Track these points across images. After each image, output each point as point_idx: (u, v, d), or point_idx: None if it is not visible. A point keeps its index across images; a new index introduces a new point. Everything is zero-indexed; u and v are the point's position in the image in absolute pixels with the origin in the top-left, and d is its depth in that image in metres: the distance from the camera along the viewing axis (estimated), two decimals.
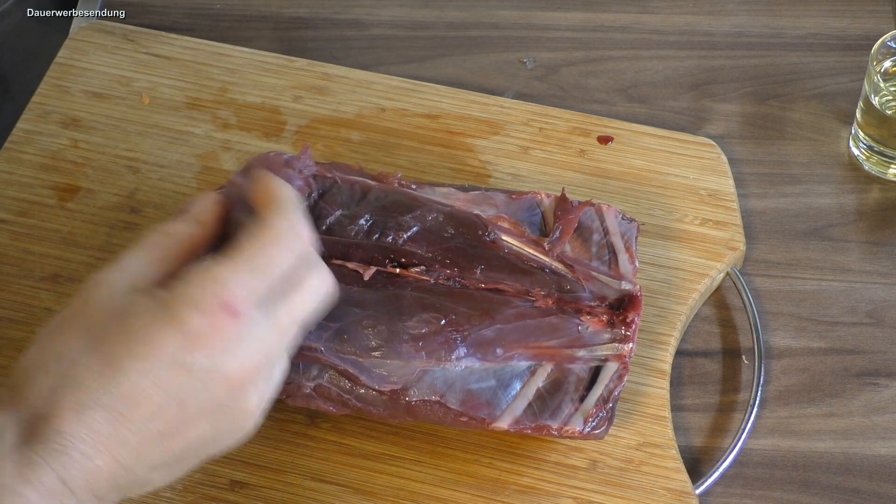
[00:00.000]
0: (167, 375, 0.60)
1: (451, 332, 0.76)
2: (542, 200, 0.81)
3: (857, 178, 0.94)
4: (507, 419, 0.75)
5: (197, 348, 0.61)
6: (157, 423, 0.60)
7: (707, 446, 0.82)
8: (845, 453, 0.82)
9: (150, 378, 0.60)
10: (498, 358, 0.76)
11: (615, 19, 1.03)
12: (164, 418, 0.61)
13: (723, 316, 0.87)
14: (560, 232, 0.79)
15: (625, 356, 0.77)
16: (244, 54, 0.97)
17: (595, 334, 0.77)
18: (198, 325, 0.61)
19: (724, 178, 0.90)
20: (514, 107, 0.94)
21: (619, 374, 0.76)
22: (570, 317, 0.77)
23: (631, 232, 0.81)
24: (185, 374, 0.61)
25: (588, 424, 0.75)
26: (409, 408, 0.75)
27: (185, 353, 0.61)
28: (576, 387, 0.76)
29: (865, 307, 0.87)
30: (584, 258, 0.79)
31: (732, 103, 0.98)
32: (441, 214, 0.79)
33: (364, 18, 1.03)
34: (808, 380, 0.85)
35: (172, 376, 0.60)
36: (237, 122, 0.94)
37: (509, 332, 0.76)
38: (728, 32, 1.02)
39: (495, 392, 0.76)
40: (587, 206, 0.81)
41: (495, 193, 0.81)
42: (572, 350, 0.77)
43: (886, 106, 0.91)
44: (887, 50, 0.92)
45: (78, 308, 0.63)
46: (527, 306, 0.77)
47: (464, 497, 0.78)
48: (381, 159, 0.91)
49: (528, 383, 0.76)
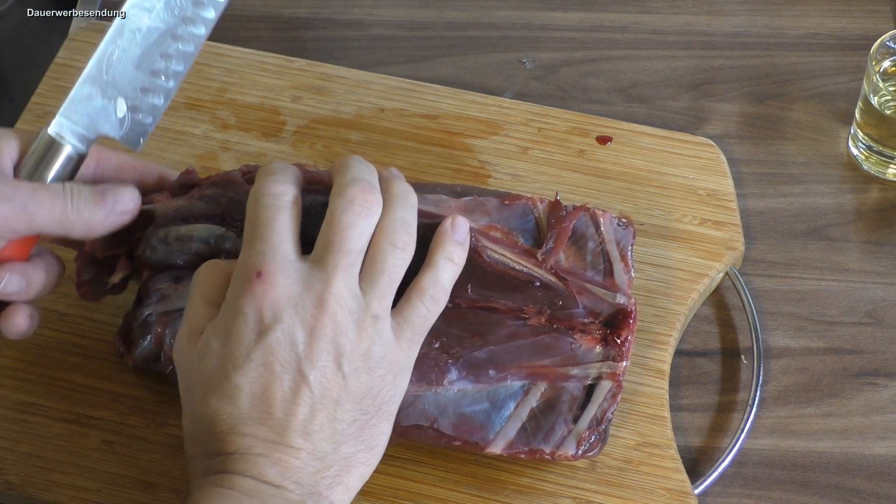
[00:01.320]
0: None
1: (443, 355, 0.75)
2: (535, 206, 0.79)
3: (857, 177, 0.94)
4: (501, 443, 0.75)
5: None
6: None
7: (706, 446, 0.82)
8: (844, 453, 0.82)
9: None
10: (491, 379, 0.75)
11: (614, 19, 1.03)
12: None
13: (722, 316, 0.87)
14: (553, 241, 0.78)
15: (618, 374, 0.76)
16: (243, 54, 0.97)
17: (588, 352, 0.76)
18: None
19: (723, 178, 0.90)
20: (513, 107, 0.94)
21: (612, 392, 0.76)
22: (563, 335, 0.77)
23: (627, 239, 0.79)
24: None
25: (581, 447, 0.75)
26: (402, 432, 0.74)
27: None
28: (569, 406, 0.76)
29: (864, 307, 0.87)
30: (579, 267, 0.78)
31: (731, 103, 0.98)
32: (424, 229, 0.75)
33: (363, 18, 1.03)
34: (807, 380, 0.85)
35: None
36: (236, 122, 0.94)
37: (502, 352, 0.75)
38: (727, 32, 1.02)
39: (488, 414, 0.75)
40: (581, 212, 0.79)
41: (487, 199, 0.79)
42: (566, 368, 0.76)
43: (885, 106, 0.91)
44: (886, 50, 0.92)
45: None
46: (519, 325, 0.76)
47: (463, 497, 0.78)
48: (380, 159, 0.91)
49: (522, 403, 0.76)
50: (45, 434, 0.80)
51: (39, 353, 0.83)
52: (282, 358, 0.66)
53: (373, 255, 0.69)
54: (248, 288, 0.67)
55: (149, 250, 0.77)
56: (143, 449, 0.79)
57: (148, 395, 0.81)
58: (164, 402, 0.80)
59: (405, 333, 0.70)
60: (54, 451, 0.79)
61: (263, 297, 0.67)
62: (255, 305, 0.67)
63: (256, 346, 0.66)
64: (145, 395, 0.81)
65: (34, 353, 0.83)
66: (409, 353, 0.70)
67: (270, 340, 0.66)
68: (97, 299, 0.80)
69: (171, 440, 0.79)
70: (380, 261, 0.69)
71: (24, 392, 0.81)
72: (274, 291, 0.67)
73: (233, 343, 0.67)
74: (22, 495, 0.78)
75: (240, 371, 0.66)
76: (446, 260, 0.72)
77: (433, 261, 0.72)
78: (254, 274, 0.67)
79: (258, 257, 0.68)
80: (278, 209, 0.69)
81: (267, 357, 0.66)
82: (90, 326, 0.84)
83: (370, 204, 0.69)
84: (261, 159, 0.91)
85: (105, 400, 0.81)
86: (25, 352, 0.83)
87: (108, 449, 0.79)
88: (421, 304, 0.71)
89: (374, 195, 0.70)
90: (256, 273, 0.67)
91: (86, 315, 0.84)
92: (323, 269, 0.68)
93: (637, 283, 0.84)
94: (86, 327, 0.84)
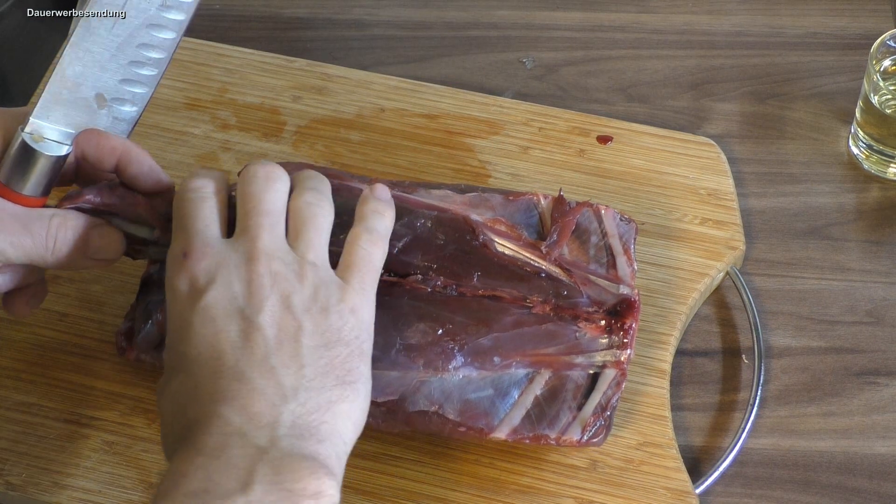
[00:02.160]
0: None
1: (448, 342, 0.75)
2: (539, 202, 0.81)
3: (857, 177, 0.94)
4: (505, 429, 0.75)
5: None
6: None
7: (707, 446, 0.82)
8: (845, 452, 0.82)
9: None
10: (496, 366, 0.76)
11: (615, 19, 1.03)
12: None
13: (723, 315, 0.87)
14: (557, 235, 0.79)
15: (623, 363, 0.77)
16: (243, 54, 0.97)
17: (593, 341, 0.77)
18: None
19: (723, 178, 0.90)
20: (513, 107, 0.94)
21: (616, 381, 0.76)
22: (567, 323, 0.77)
23: (629, 234, 0.81)
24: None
25: (586, 433, 0.75)
26: (407, 419, 0.75)
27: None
28: (574, 394, 0.76)
29: (865, 306, 0.87)
30: (582, 261, 0.79)
31: (732, 103, 0.98)
32: (430, 221, 0.78)
33: (364, 19, 1.03)
34: (807, 379, 0.85)
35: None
36: (237, 122, 0.94)
37: (507, 340, 0.76)
38: (727, 32, 1.02)
39: (493, 401, 0.75)
40: (585, 207, 0.80)
41: (492, 195, 0.81)
42: (570, 357, 0.77)
43: (886, 105, 0.91)
44: (887, 49, 0.92)
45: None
46: (524, 313, 0.77)
47: (464, 497, 0.78)
48: (380, 159, 0.91)
49: (526, 391, 0.76)
50: (46, 435, 0.80)
51: (40, 353, 0.83)
52: (223, 311, 0.66)
53: (293, 215, 0.70)
54: (177, 267, 0.68)
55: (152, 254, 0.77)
56: (143, 449, 0.79)
57: (148, 395, 0.81)
58: None
59: (352, 276, 0.70)
60: (55, 451, 0.79)
61: (193, 268, 0.67)
62: (187, 277, 0.67)
63: (193, 310, 0.66)
64: (145, 396, 0.81)
65: (35, 353, 0.83)
66: (361, 292, 0.70)
67: (207, 300, 0.66)
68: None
69: None
70: (300, 216, 0.70)
71: (24, 392, 0.81)
72: (203, 261, 0.68)
73: (173, 319, 0.67)
74: (22, 496, 0.78)
75: (184, 341, 0.66)
76: (373, 212, 0.73)
77: (360, 214, 0.73)
78: (181, 255, 0.68)
79: (184, 241, 0.69)
80: (199, 200, 0.70)
81: (205, 315, 0.66)
82: (90, 327, 0.84)
83: (274, 172, 0.71)
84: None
85: (105, 400, 0.81)
86: (26, 352, 0.83)
87: (108, 449, 0.79)
88: (358, 247, 0.71)
89: (277, 168, 0.71)
90: (183, 254, 0.68)
91: (86, 315, 0.84)
92: (246, 233, 0.69)
93: (638, 282, 0.84)
94: (86, 328, 0.84)
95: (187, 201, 0.71)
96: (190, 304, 0.67)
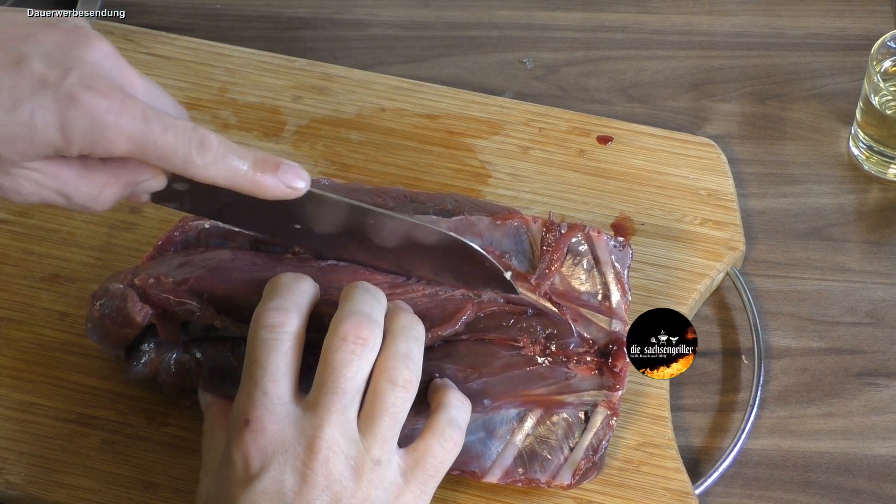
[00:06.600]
0: None
1: None
2: (529, 226, 0.78)
3: (857, 178, 0.94)
4: (498, 472, 0.75)
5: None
6: None
7: (707, 446, 0.82)
8: (845, 453, 0.82)
9: None
10: (486, 408, 0.75)
11: (615, 19, 1.03)
12: None
13: (722, 316, 0.87)
14: (547, 265, 0.77)
15: (614, 403, 0.76)
16: (244, 54, 0.97)
17: (583, 381, 0.76)
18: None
19: (723, 178, 0.90)
20: (513, 107, 0.94)
21: (608, 421, 0.76)
22: (557, 365, 0.76)
23: (624, 260, 0.78)
24: None
25: (576, 476, 0.75)
26: None
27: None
28: (565, 433, 0.76)
29: (865, 307, 0.87)
30: (574, 291, 0.77)
31: (732, 103, 0.98)
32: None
33: (364, 18, 1.04)
34: (807, 380, 0.85)
35: None
36: (237, 122, 0.94)
37: (496, 383, 0.74)
38: (728, 32, 1.02)
39: (485, 443, 0.75)
40: (576, 232, 0.78)
41: (479, 218, 0.78)
42: (561, 396, 0.75)
43: (886, 106, 0.91)
44: (887, 50, 0.92)
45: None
46: (513, 355, 0.75)
47: (464, 497, 0.78)
48: (380, 159, 0.91)
49: (517, 431, 0.75)
50: (46, 434, 0.80)
51: (40, 352, 0.83)
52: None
53: (372, 395, 0.66)
54: (236, 436, 0.65)
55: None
56: (143, 449, 0.79)
57: (148, 395, 0.81)
58: (165, 402, 0.80)
59: (416, 475, 0.67)
60: (55, 450, 0.79)
61: (251, 444, 0.65)
62: (242, 454, 0.65)
63: (242, 492, 0.64)
64: (146, 395, 0.81)
65: (35, 352, 0.83)
66: (420, 497, 0.67)
67: (257, 489, 0.64)
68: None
69: (171, 440, 0.79)
70: (379, 401, 0.66)
71: (24, 392, 0.81)
72: (261, 439, 0.64)
73: (220, 492, 0.65)
74: (23, 495, 0.78)
75: None
76: (458, 401, 0.70)
77: (446, 401, 0.70)
78: (242, 421, 0.65)
79: (248, 402, 0.66)
80: (273, 345, 0.66)
81: (252, 503, 0.64)
82: None
83: (364, 340, 0.66)
84: None
85: (106, 400, 0.81)
86: (26, 351, 0.83)
87: (108, 449, 0.79)
88: (437, 443, 0.68)
89: (371, 330, 0.66)
90: (244, 421, 0.65)
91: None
92: (315, 412, 0.65)
93: (638, 283, 0.84)
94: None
95: (260, 342, 0.66)
96: (240, 485, 0.64)
